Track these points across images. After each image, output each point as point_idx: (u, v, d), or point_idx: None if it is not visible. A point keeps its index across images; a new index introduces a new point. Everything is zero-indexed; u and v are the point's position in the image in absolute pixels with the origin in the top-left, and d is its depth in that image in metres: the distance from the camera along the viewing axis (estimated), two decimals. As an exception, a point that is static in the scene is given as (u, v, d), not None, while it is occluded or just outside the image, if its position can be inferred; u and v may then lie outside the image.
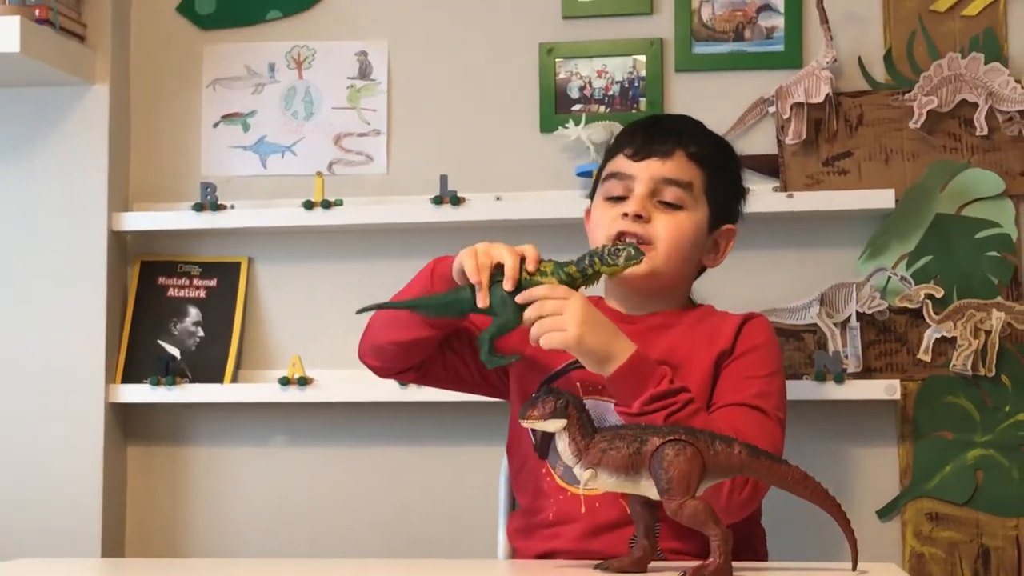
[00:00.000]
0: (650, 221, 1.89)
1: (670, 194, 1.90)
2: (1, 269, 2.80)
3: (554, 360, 1.90)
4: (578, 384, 1.86)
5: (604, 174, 1.97)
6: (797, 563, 1.66)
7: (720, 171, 1.98)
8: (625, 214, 1.89)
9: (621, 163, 1.94)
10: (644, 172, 1.91)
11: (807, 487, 1.50)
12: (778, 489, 1.53)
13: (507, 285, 1.69)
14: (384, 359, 1.93)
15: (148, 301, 2.85)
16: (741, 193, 2.06)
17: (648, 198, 1.90)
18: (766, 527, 1.99)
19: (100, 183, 2.78)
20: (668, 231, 1.87)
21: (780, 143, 2.70)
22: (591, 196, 2.06)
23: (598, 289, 2.04)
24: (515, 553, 1.95)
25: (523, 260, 1.71)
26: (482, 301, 1.69)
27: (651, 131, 1.96)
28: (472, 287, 1.71)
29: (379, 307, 1.84)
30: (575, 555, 1.77)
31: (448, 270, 1.78)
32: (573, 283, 1.70)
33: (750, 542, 1.89)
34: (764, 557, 1.92)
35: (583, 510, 1.81)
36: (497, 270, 1.70)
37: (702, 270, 2.04)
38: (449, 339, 1.94)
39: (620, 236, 1.88)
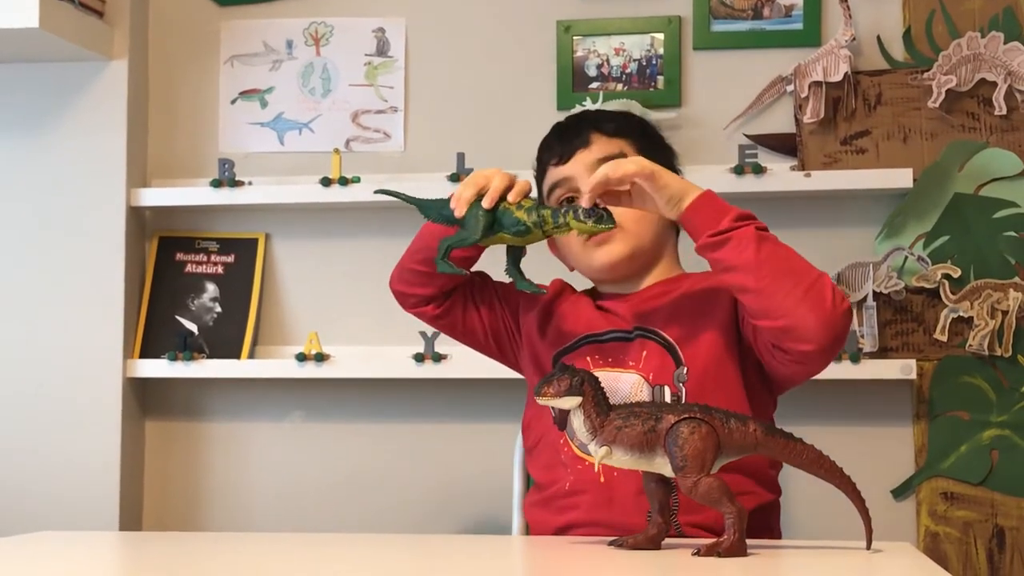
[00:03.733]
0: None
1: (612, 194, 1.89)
2: (20, 244, 2.82)
3: (567, 336, 1.91)
4: (588, 359, 1.87)
5: (546, 191, 1.98)
6: (811, 541, 1.67)
7: (642, 136, 1.98)
8: None
9: (553, 174, 1.96)
10: (577, 168, 1.92)
11: (822, 466, 1.50)
12: (793, 468, 1.53)
13: (484, 202, 1.73)
14: (408, 282, 1.96)
15: (166, 277, 2.86)
16: (671, 150, 2.05)
17: None
18: (782, 504, 1.99)
19: (118, 159, 2.79)
20: (626, 210, 1.86)
21: (798, 122, 2.69)
22: None
23: (586, 281, 2.04)
24: (531, 526, 1.95)
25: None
26: (458, 211, 1.74)
27: (562, 133, 1.99)
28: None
29: (394, 194, 1.90)
30: (593, 525, 1.78)
31: None
32: (542, 226, 1.73)
33: (765, 514, 1.89)
34: (778, 531, 1.92)
35: (601, 480, 1.82)
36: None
37: (679, 230, 2.02)
38: (474, 293, 1.97)
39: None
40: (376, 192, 1.97)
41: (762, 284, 1.69)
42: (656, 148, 1.98)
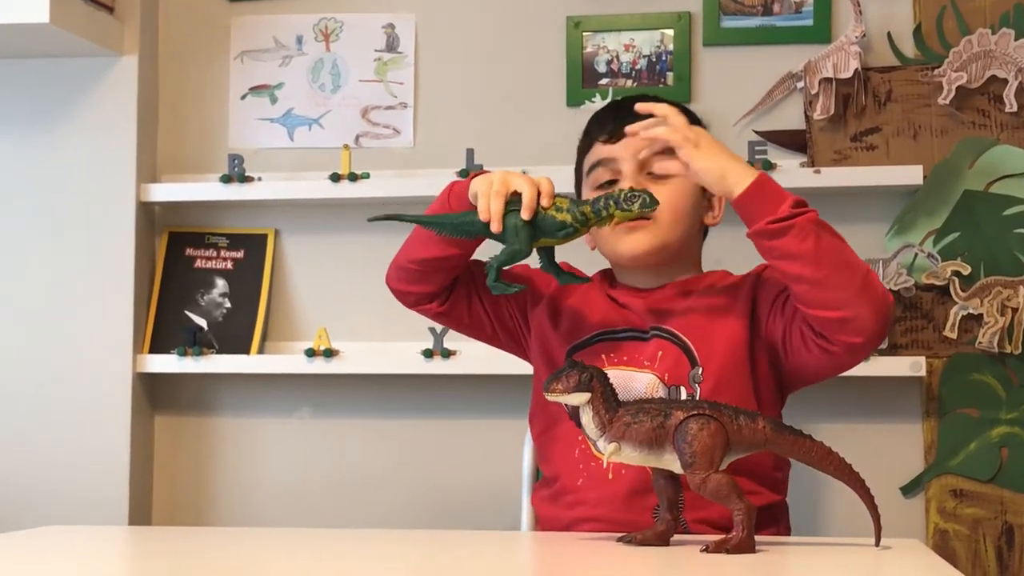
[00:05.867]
0: None
1: (658, 163, 1.88)
2: (31, 240, 2.82)
3: (581, 330, 1.90)
4: (603, 356, 1.86)
5: (587, 167, 1.97)
6: (820, 538, 1.67)
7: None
8: None
9: (600, 150, 1.94)
10: (626, 150, 1.90)
11: (831, 463, 1.50)
12: (802, 464, 1.53)
13: (524, 214, 1.68)
14: (406, 280, 1.93)
15: (176, 272, 2.87)
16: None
17: (638, 173, 1.89)
18: (790, 502, 1.99)
19: (128, 154, 2.80)
20: (666, 200, 1.85)
21: (808, 118, 2.69)
22: (577, 192, 2.04)
23: (599, 262, 2.03)
24: (541, 522, 1.95)
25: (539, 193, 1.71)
26: (496, 227, 1.69)
27: (619, 112, 1.96)
28: None
29: (392, 218, 1.81)
30: (603, 522, 1.78)
31: (465, 191, 1.78)
32: (586, 222, 1.70)
33: (773, 513, 1.89)
34: (787, 529, 1.92)
35: (611, 476, 1.82)
36: (514, 197, 1.70)
37: (705, 233, 2.02)
38: (476, 286, 1.95)
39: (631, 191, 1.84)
40: (371, 219, 1.84)
41: (821, 274, 1.68)
42: None
